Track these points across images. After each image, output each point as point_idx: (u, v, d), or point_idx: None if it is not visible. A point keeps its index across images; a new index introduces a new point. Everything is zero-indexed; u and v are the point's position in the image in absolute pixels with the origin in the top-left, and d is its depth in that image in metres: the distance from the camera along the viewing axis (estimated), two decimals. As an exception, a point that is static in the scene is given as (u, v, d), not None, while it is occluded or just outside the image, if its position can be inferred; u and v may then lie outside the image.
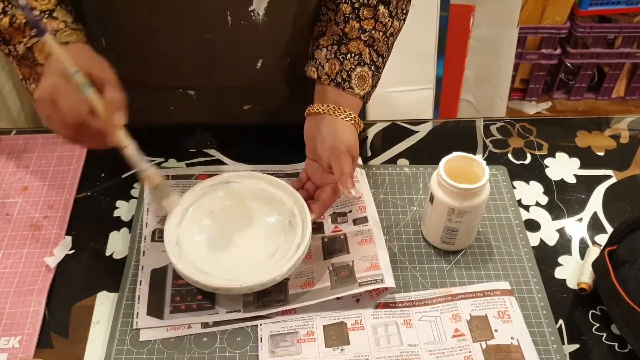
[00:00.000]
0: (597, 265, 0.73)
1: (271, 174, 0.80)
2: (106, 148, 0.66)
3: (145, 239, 0.78)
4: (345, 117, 0.78)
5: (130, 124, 0.65)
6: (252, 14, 0.77)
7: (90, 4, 0.77)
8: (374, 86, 0.83)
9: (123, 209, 0.83)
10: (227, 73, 0.85)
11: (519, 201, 0.85)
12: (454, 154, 0.74)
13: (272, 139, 0.92)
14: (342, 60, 0.79)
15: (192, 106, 0.90)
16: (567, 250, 0.79)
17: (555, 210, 0.84)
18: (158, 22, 0.78)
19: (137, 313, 0.71)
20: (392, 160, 0.90)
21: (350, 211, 0.81)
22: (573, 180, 0.88)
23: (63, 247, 0.78)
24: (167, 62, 0.82)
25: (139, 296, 0.72)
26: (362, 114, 1.06)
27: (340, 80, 0.79)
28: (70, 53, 0.64)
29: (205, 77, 0.85)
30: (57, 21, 0.72)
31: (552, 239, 0.81)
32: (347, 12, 0.79)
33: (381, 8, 0.79)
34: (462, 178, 0.71)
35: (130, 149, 0.66)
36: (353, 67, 0.79)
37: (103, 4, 0.77)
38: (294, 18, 0.81)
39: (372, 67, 0.81)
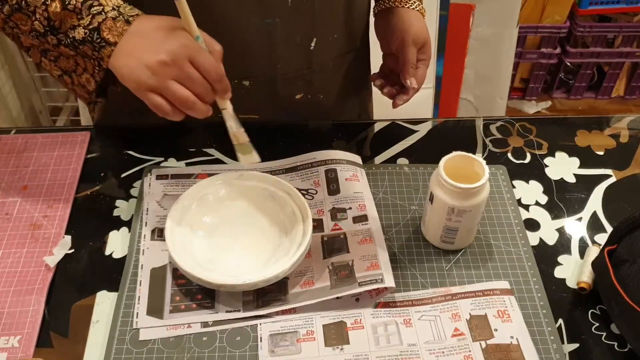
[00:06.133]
0: (597, 264, 0.73)
1: (271, 171, 0.80)
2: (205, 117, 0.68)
3: (144, 237, 0.78)
4: (411, 5, 0.85)
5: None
6: None
7: None
8: None
9: (123, 208, 0.83)
10: (284, 59, 0.86)
11: (519, 200, 0.85)
12: (454, 153, 0.74)
13: (270, 137, 0.92)
14: None
15: (246, 97, 0.90)
16: (567, 250, 0.79)
17: (554, 209, 0.84)
18: (221, 7, 0.79)
19: (137, 313, 0.71)
20: (392, 160, 0.90)
21: (350, 208, 0.81)
22: (573, 180, 0.88)
23: (62, 247, 0.78)
24: (228, 52, 0.82)
25: (138, 296, 0.72)
26: (368, 113, 1.06)
27: None
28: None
29: (263, 65, 0.86)
30: None
31: (551, 239, 0.81)
32: None
33: None
34: (461, 177, 0.71)
35: (230, 109, 0.71)
36: None
37: None
38: None
39: None
